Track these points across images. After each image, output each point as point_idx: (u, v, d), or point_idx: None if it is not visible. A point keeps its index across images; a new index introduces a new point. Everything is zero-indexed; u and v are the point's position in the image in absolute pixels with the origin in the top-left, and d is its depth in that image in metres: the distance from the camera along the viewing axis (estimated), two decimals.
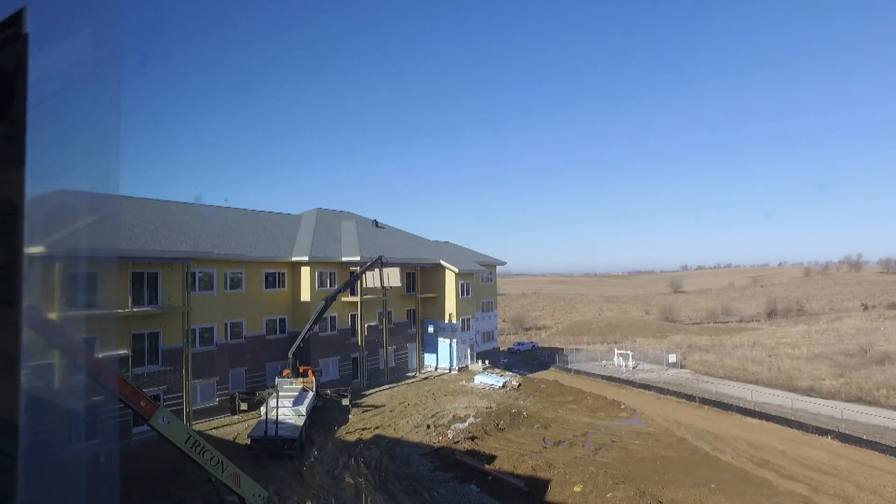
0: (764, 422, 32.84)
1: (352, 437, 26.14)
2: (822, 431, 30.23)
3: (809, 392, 40.23)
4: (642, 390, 42.16)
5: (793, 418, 32.17)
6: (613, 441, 28.02)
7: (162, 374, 25.61)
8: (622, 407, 34.89)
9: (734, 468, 24.92)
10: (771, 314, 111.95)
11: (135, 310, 24.21)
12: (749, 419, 33.53)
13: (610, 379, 46.22)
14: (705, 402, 37.30)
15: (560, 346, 65.59)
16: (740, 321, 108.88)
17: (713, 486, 22.44)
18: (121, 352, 23.84)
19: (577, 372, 49.90)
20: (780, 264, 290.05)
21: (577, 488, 21.23)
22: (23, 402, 0.55)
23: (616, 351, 55.14)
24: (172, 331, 26.07)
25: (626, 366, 51.27)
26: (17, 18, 0.60)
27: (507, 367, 47.73)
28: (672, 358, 53.15)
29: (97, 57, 0.84)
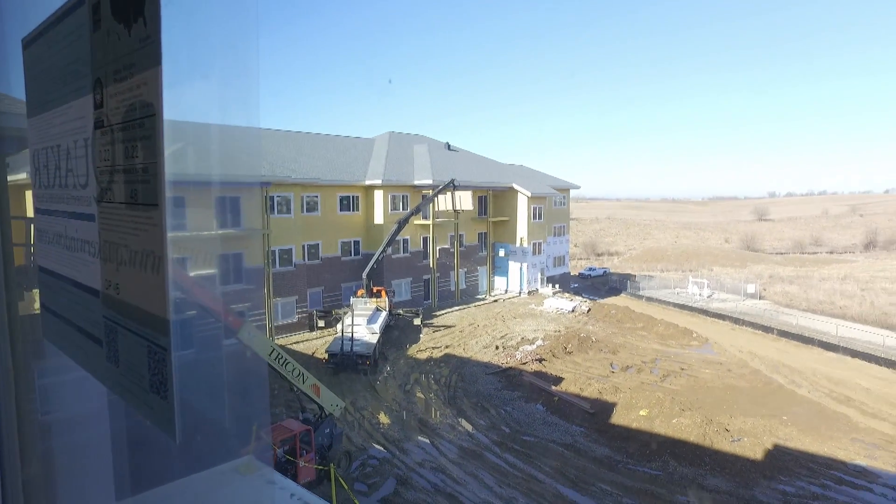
0: (848, 358, 31.33)
1: (423, 356, 27.32)
2: None
3: None
4: (716, 320, 41.07)
5: (883, 356, 30.47)
6: (683, 369, 27.80)
7: (246, 292, 27.39)
8: (694, 336, 34.28)
9: (810, 402, 24.26)
10: (869, 246, 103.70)
11: (219, 232, 25.70)
12: (831, 354, 32.10)
13: (683, 307, 45.20)
14: (784, 334, 35.92)
15: (632, 273, 64.40)
16: (831, 252, 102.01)
17: (785, 417, 22.03)
18: (209, 270, 25.57)
19: (649, 299, 49.07)
20: (886, 191, 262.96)
21: (643, 413, 21.45)
22: (171, 299, 0.62)
23: (691, 279, 53.53)
24: (254, 252, 27.59)
25: (700, 294, 49.82)
26: None
27: (578, 292, 47.61)
28: (751, 288, 51.03)
29: None
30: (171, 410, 0.59)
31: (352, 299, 29.59)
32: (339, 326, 26.04)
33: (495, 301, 40.03)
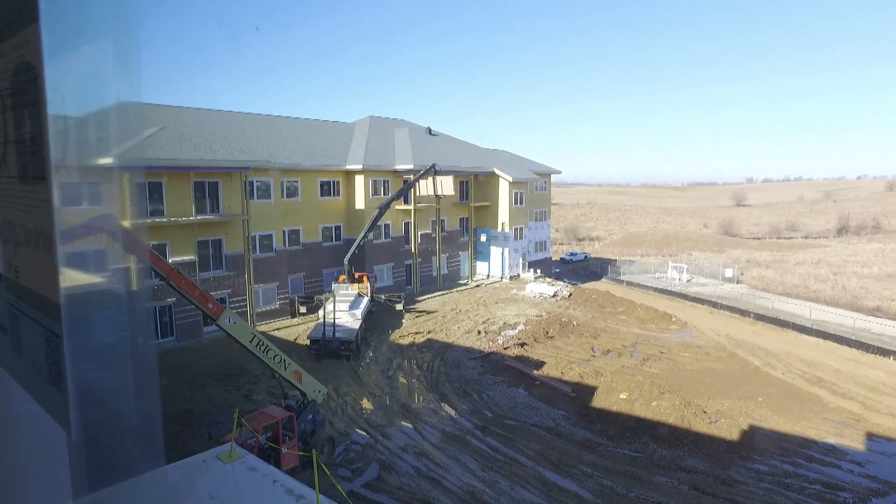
0: (821, 340, 32.08)
1: (405, 341, 27.33)
2: (885, 352, 29.27)
3: (875, 312, 38.68)
4: (695, 304, 41.70)
5: (853, 338, 31.25)
6: (662, 353, 28.21)
7: (226, 278, 27.09)
8: (673, 319, 34.77)
9: (784, 383, 24.82)
10: (841, 231, 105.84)
11: (198, 218, 25.30)
12: (805, 337, 32.84)
13: (662, 291, 45.81)
14: (760, 317, 36.63)
15: (613, 258, 64.97)
16: (806, 237, 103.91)
17: (760, 399, 22.51)
18: (188, 257, 25.25)
19: (630, 283, 49.62)
20: (858, 177, 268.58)
21: (623, 396, 21.73)
22: (62, 282, 0.54)
23: (670, 264, 54.18)
24: (234, 238, 27.25)
25: (679, 279, 50.50)
26: None
27: (559, 277, 47.92)
28: (728, 272, 51.86)
29: None
30: (65, 402, 0.52)
31: (333, 285, 29.43)
32: (320, 312, 25.90)
33: (477, 286, 40.13)
